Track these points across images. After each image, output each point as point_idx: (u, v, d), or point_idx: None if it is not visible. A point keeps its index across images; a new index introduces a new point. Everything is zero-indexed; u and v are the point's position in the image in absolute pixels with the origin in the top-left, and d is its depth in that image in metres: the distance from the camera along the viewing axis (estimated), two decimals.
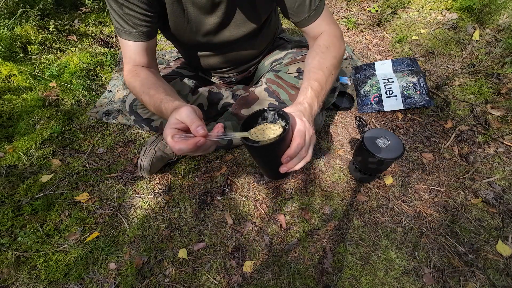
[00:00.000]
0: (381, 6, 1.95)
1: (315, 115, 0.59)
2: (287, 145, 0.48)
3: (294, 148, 0.47)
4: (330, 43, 0.69)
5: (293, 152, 0.47)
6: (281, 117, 0.51)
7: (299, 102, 0.58)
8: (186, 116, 0.46)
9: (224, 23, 0.75)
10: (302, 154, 0.49)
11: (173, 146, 0.45)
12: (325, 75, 0.63)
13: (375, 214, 0.94)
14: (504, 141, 1.10)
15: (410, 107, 1.23)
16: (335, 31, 0.72)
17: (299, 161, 0.49)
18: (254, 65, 1.02)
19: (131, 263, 0.85)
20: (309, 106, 0.56)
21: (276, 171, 0.50)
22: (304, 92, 0.59)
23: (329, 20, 0.72)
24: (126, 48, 0.69)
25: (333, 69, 0.66)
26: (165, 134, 0.46)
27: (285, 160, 0.47)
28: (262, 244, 0.88)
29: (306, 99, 0.58)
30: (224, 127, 0.48)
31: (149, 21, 0.67)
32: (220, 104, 1.01)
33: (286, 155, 0.47)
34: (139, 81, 0.67)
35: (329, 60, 0.66)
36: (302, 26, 0.73)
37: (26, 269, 0.83)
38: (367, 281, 0.81)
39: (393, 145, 0.85)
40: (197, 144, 0.44)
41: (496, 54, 1.37)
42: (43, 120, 1.20)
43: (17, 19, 1.55)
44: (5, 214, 0.92)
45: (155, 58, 0.77)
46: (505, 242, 0.86)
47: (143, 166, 0.95)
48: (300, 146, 0.47)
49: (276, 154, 0.48)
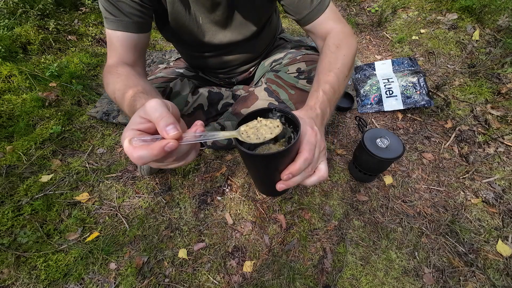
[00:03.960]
0: (381, 6, 1.95)
1: (326, 124, 0.50)
2: (292, 157, 0.38)
3: (300, 164, 0.37)
4: (340, 41, 0.62)
5: (298, 168, 0.37)
6: (289, 122, 0.41)
7: (310, 106, 0.49)
8: (153, 109, 0.32)
9: (225, 24, 0.75)
10: (308, 172, 0.39)
11: (131, 153, 0.30)
12: (337, 76, 0.56)
13: (375, 214, 0.94)
14: (504, 141, 1.10)
15: (410, 107, 1.23)
16: (344, 28, 0.65)
17: (302, 179, 0.39)
18: (255, 65, 1.02)
19: (131, 263, 0.85)
20: (321, 112, 0.48)
21: (271, 186, 0.40)
22: (315, 96, 0.51)
23: (335, 16, 0.66)
24: (112, 39, 0.62)
25: (346, 69, 0.59)
26: (123, 138, 0.32)
27: (286, 177, 0.37)
28: (262, 244, 0.88)
29: (318, 103, 0.49)
30: (204, 125, 0.37)
31: (143, 12, 0.62)
32: (220, 104, 1.01)
33: (288, 171, 0.37)
34: (117, 74, 0.58)
35: (340, 59, 0.59)
36: (306, 24, 0.68)
37: (26, 269, 0.83)
38: (367, 281, 0.81)
39: (393, 145, 0.85)
40: (164, 149, 0.30)
41: (496, 54, 1.37)
42: (43, 120, 1.20)
43: (17, 19, 1.55)
44: (5, 214, 0.92)
45: (143, 58, 0.70)
46: (505, 242, 0.86)
47: (143, 166, 0.95)
48: (308, 162, 0.37)
49: (276, 167, 0.38)
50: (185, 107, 0.94)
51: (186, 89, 0.92)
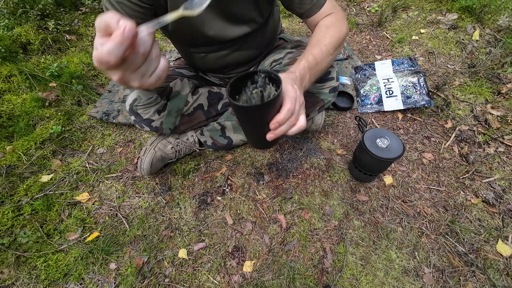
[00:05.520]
0: (381, 6, 1.95)
1: (305, 88, 0.58)
2: (277, 110, 0.46)
3: (284, 114, 0.45)
4: (330, 24, 0.69)
5: (283, 117, 0.45)
6: (272, 80, 0.48)
7: (290, 71, 0.56)
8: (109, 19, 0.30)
9: (225, 20, 0.75)
10: (292, 121, 0.47)
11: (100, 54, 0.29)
12: (322, 51, 0.63)
13: (375, 214, 0.94)
14: (504, 141, 1.10)
15: (410, 107, 1.23)
16: (337, 13, 0.71)
17: (287, 128, 0.47)
18: (255, 65, 1.02)
19: (131, 263, 0.85)
20: (300, 76, 0.56)
21: (263, 138, 0.49)
22: (297, 63, 0.59)
23: (332, 6, 0.71)
24: None
25: (331, 49, 0.65)
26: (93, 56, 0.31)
27: (274, 126, 0.45)
28: (262, 244, 0.88)
29: (298, 69, 0.57)
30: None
31: (143, 13, 0.65)
32: (220, 104, 1.01)
33: (275, 120, 0.45)
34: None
35: (328, 38, 0.65)
36: (306, 17, 0.73)
37: (26, 269, 0.83)
38: (367, 281, 0.81)
39: (393, 145, 0.85)
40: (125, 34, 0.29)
41: (496, 54, 1.37)
42: (43, 120, 1.20)
43: (17, 19, 1.55)
44: (5, 214, 0.92)
45: None
46: (505, 242, 0.86)
47: (143, 166, 0.95)
48: (291, 112, 0.46)
49: (265, 118, 0.46)
50: (185, 107, 0.94)
51: (186, 89, 0.92)
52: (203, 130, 1.01)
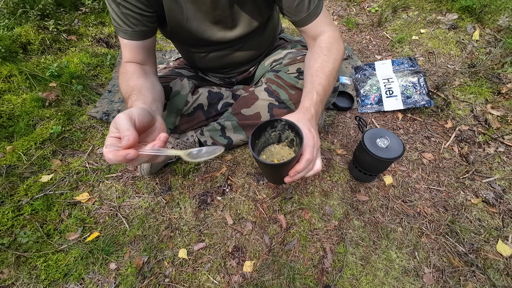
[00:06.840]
0: (381, 6, 1.95)
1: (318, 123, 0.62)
2: (296, 160, 0.49)
3: (303, 165, 0.48)
4: (331, 45, 0.70)
5: (302, 168, 0.48)
6: (291, 128, 0.51)
7: (305, 107, 0.58)
8: (119, 125, 0.42)
9: (225, 21, 0.75)
10: (309, 169, 0.50)
11: (105, 155, 0.42)
12: (328, 79, 0.64)
13: (375, 214, 0.94)
14: (504, 141, 1.10)
15: (410, 107, 1.23)
16: (334, 32, 0.73)
17: (304, 174, 0.51)
18: (255, 65, 1.02)
19: (131, 263, 0.85)
20: (315, 113, 0.57)
21: (280, 179, 0.53)
22: (309, 97, 0.59)
23: (327, 20, 0.73)
24: (122, 46, 0.71)
25: (334, 72, 0.67)
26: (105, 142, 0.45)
27: (293, 174, 0.49)
28: (262, 244, 0.88)
29: (313, 105, 0.58)
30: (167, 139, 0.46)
31: (146, 21, 0.67)
32: (220, 104, 1.01)
33: (295, 170, 0.49)
34: (124, 73, 0.68)
35: (331, 63, 0.67)
36: (301, 25, 0.73)
37: (26, 269, 0.83)
38: (367, 281, 0.81)
39: (393, 145, 0.85)
40: (126, 158, 0.40)
41: (496, 54, 1.37)
42: (43, 120, 1.20)
43: (17, 19, 1.55)
44: (5, 214, 0.92)
45: (152, 55, 0.77)
46: (505, 242, 0.86)
47: (143, 166, 0.95)
48: (309, 162, 0.49)
49: (286, 169, 0.50)
50: (185, 107, 0.94)
51: (186, 89, 0.92)
52: (203, 130, 1.01)
